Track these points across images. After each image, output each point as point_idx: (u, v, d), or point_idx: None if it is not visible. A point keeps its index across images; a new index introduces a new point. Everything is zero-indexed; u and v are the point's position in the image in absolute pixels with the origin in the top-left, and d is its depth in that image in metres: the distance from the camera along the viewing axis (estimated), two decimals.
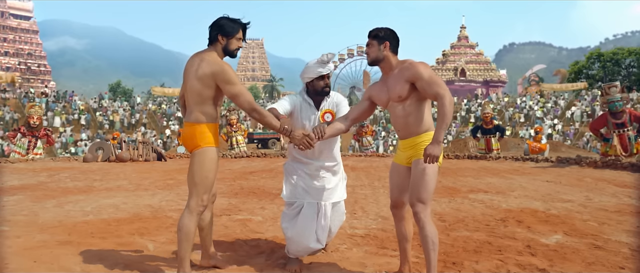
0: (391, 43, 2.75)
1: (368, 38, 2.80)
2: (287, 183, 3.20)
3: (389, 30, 2.78)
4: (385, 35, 2.74)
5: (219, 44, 2.75)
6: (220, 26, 2.73)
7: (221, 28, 2.73)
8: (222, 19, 2.75)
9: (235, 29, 2.75)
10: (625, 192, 6.70)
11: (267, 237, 3.95)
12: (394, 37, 2.77)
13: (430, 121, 2.75)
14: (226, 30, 2.73)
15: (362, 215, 4.93)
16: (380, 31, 2.76)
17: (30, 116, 13.79)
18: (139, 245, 3.61)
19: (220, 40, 2.74)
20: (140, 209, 5.21)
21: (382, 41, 2.74)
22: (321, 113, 3.16)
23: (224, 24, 2.73)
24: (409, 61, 2.71)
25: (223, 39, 2.74)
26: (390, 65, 2.77)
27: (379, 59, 2.76)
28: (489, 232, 4.09)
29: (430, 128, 2.72)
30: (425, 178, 2.60)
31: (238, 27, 2.77)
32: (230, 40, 2.75)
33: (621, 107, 11.26)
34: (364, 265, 3.16)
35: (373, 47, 2.76)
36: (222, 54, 2.77)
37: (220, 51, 2.76)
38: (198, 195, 2.70)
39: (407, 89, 2.67)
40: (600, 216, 4.84)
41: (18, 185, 7.28)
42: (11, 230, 3.99)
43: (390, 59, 2.76)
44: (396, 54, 2.80)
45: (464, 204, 5.70)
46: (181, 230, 2.67)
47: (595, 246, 3.57)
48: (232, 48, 2.77)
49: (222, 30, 2.73)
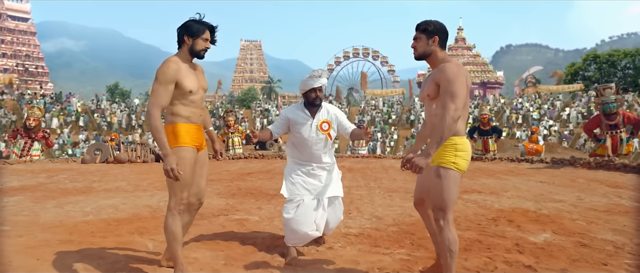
0: (440, 37, 2.65)
1: (416, 31, 2.70)
2: (288, 183, 3.50)
3: (439, 23, 2.68)
4: (435, 29, 2.65)
5: (185, 44, 2.79)
6: (187, 27, 2.78)
7: (187, 28, 2.78)
8: (189, 21, 2.80)
9: (200, 30, 2.78)
10: (616, 193, 6.82)
11: (264, 236, 4.05)
12: (443, 31, 2.67)
13: (457, 128, 2.58)
14: (191, 30, 2.77)
15: (356, 215, 5.04)
16: (430, 25, 2.65)
17: (28, 117, 13.85)
18: (139, 244, 3.70)
19: (186, 41, 2.79)
20: (139, 209, 5.30)
21: (432, 35, 2.64)
22: (319, 123, 3.51)
23: (190, 25, 2.78)
24: (448, 62, 2.62)
25: (189, 39, 2.78)
26: (436, 60, 2.67)
27: (426, 53, 2.67)
28: (480, 231, 4.21)
29: (458, 133, 2.60)
30: (443, 186, 2.55)
31: (204, 28, 2.80)
32: (196, 40, 2.78)
33: (615, 109, 11.39)
34: (356, 262, 3.26)
35: (421, 41, 2.66)
36: (188, 55, 2.81)
37: (186, 52, 2.80)
38: (175, 194, 2.76)
39: (434, 89, 2.60)
40: (589, 215, 4.96)
41: (18, 186, 7.36)
42: (13, 229, 4.09)
43: (437, 54, 2.66)
44: (444, 49, 2.69)
45: (457, 204, 5.80)
46: (166, 230, 2.77)
47: (582, 244, 3.68)
48: (198, 48, 2.80)
49: (188, 30, 2.78)
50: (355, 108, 43.94)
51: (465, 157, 2.58)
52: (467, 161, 2.59)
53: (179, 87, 2.74)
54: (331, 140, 3.58)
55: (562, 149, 24.75)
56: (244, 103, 57.93)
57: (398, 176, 9.42)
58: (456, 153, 2.56)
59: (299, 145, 3.53)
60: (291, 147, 3.62)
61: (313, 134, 3.48)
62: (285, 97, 64.12)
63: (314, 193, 3.48)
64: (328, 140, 3.55)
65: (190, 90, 2.76)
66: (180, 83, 2.73)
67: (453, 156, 2.56)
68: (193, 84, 2.78)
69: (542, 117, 36.61)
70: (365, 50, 72.68)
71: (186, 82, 2.74)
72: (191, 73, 2.81)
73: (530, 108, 38.38)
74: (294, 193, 3.44)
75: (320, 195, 3.49)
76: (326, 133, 3.52)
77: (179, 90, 2.75)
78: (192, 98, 2.81)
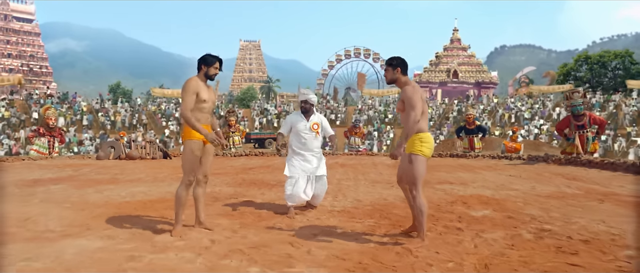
0: (402, 68, 3.87)
1: (385, 65, 3.96)
2: (289, 165, 5.22)
3: (400, 58, 3.90)
4: (397, 63, 3.87)
5: (202, 70, 4.08)
6: (204, 59, 4.09)
7: (204, 60, 4.09)
8: (206, 55, 4.15)
9: (213, 62, 4.08)
10: (568, 183, 7.95)
11: (268, 210, 5.25)
12: (403, 63, 3.89)
13: (419, 126, 3.77)
14: (207, 61, 4.07)
15: (342, 199, 6.21)
16: (393, 60, 3.88)
17: (48, 118, 15.03)
18: (170, 215, 4.86)
19: (203, 68, 4.08)
20: (164, 194, 6.46)
21: (395, 67, 3.87)
22: (311, 124, 5.28)
23: (206, 58, 4.09)
24: (408, 85, 3.83)
25: (205, 67, 4.07)
26: (400, 83, 3.88)
27: (393, 79, 3.91)
28: (436, 209, 5.37)
29: (422, 130, 3.78)
30: (412, 167, 3.78)
31: (215, 60, 4.10)
32: (209, 68, 4.06)
33: (582, 111, 12.57)
34: (336, 226, 4.43)
35: (388, 71, 3.91)
36: (204, 77, 4.09)
37: (202, 75, 4.09)
38: (185, 172, 4.08)
39: (401, 104, 3.81)
40: (530, 199, 6.10)
41: (54, 177, 8.52)
42: (74, 206, 5.26)
43: (400, 79, 3.88)
44: (406, 75, 3.91)
45: (427, 192, 6.95)
46: (175, 195, 4.11)
47: (509, 217, 4.84)
48: (210, 73, 4.10)
49: (204, 61, 4.08)
50: (352, 107, 45.12)
51: (429, 146, 3.81)
52: (430, 149, 3.82)
53: (197, 97, 4.00)
54: (319, 136, 5.31)
55: (547, 147, 25.95)
56: (243, 102, 59.07)
57: (385, 171, 10.59)
58: (421, 144, 3.80)
59: (298, 138, 5.22)
60: (293, 139, 5.22)
61: (307, 130, 5.22)
62: (283, 97, 65.16)
63: (307, 173, 5.17)
64: (317, 135, 5.29)
65: (204, 99, 4.04)
66: (198, 94, 4.00)
67: (419, 146, 3.79)
68: (206, 95, 4.07)
69: (533, 116, 37.84)
70: (359, 50, 73.95)
71: (202, 94, 4.03)
72: (205, 88, 4.10)
73: (522, 108, 39.63)
74: (293, 173, 5.15)
75: (311, 174, 5.19)
76: (315, 131, 5.18)
77: (197, 99, 4.00)
78: (204, 106, 4.07)
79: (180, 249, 3.44)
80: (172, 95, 44.47)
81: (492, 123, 37.39)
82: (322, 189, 5.32)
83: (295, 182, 5.08)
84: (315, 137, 5.26)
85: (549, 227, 4.26)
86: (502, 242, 3.71)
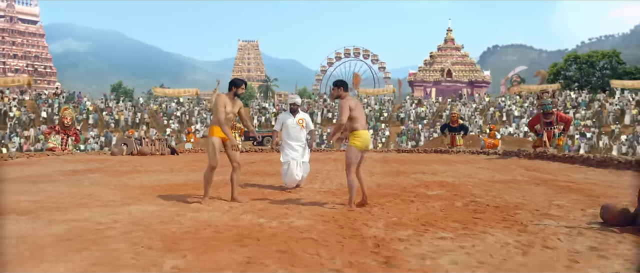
0: (344, 87, 5.35)
1: (333, 86, 5.40)
2: (283, 154, 6.98)
3: (342, 81, 5.39)
4: (340, 84, 5.32)
5: (232, 90, 5.58)
6: (234, 82, 5.63)
7: (234, 83, 5.62)
8: (235, 79, 5.66)
9: (240, 84, 5.59)
10: (523, 173, 9.37)
11: (271, 189, 6.70)
12: (344, 84, 5.35)
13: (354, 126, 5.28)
14: (236, 84, 5.60)
15: (328, 183, 7.67)
16: (337, 83, 5.33)
17: (64, 117, 16.51)
18: (195, 194, 6.30)
19: (233, 89, 5.58)
20: (185, 181, 7.91)
21: (339, 87, 5.31)
22: (297, 120, 7.01)
23: (236, 81, 5.62)
24: (343, 99, 5.29)
25: (234, 88, 5.57)
26: (341, 98, 5.33)
27: (339, 96, 5.30)
28: (401, 190, 6.80)
29: (356, 128, 5.22)
30: (347, 155, 5.26)
31: (242, 83, 5.63)
32: (237, 89, 5.55)
33: (551, 109, 14.07)
34: (320, 200, 5.87)
35: (335, 90, 5.34)
36: (232, 94, 5.54)
37: (231, 93, 5.54)
38: (210, 158, 5.49)
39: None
40: (481, 185, 7.53)
41: (84, 169, 9.96)
42: (117, 188, 6.71)
43: (342, 95, 5.25)
44: (346, 91, 5.33)
45: (400, 179, 8.42)
46: (204, 176, 5.56)
47: (454, 194, 6.28)
48: (238, 93, 5.57)
49: (234, 83, 5.60)
50: None
51: (360, 141, 5.21)
52: (362, 143, 5.21)
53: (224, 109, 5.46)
54: (304, 129, 7.03)
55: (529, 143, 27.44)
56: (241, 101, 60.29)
57: (370, 164, 12.03)
58: (354, 139, 5.21)
59: (287, 131, 6.94)
60: (284, 133, 6.85)
61: (294, 125, 6.96)
62: (281, 96, 66.55)
63: (296, 159, 6.85)
64: (302, 128, 7.02)
65: (229, 111, 5.53)
66: (226, 106, 5.48)
67: (353, 140, 5.22)
68: (229, 108, 5.54)
69: (523, 114, 39.31)
70: (356, 50, 75.58)
71: (227, 107, 5.50)
72: (230, 103, 5.56)
73: (512, 106, 41.12)
74: (286, 158, 6.87)
75: (299, 159, 6.90)
76: (301, 125, 6.87)
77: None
78: (229, 116, 5.54)
79: (210, 211, 4.89)
80: (173, 95, 45.76)
81: (484, 121, 38.84)
82: (306, 171, 7.11)
83: (288, 166, 6.75)
84: (301, 130, 6.98)
85: (479, 200, 5.71)
86: (438, 208, 5.15)
